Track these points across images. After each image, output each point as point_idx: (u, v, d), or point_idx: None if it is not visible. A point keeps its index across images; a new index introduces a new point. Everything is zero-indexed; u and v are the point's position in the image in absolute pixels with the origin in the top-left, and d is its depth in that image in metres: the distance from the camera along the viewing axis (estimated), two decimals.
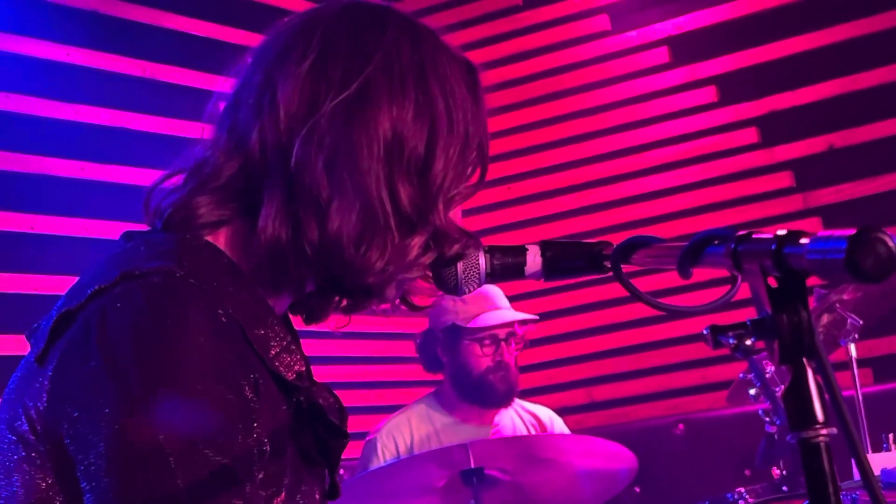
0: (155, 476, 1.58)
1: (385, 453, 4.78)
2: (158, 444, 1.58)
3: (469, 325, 4.78)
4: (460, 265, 1.92)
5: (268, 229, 1.80)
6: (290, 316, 2.06)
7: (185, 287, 1.69)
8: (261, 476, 1.69)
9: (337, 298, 1.94)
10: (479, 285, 1.95)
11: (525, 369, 5.36)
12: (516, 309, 4.96)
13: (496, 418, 4.92)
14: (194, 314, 1.66)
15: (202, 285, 1.71)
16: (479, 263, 1.92)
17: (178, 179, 1.92)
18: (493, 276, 1.95)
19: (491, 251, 1.94)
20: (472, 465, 3.99)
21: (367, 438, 4.92)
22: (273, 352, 1.80)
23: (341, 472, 5.75)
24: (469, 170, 1.92)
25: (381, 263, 1.80)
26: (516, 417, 4.98)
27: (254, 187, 1.84)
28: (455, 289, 1.94)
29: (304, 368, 1.87)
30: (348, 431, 1.92)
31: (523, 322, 4.89)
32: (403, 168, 1.82)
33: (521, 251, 1.94)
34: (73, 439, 1.64)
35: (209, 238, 1.85)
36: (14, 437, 1.70)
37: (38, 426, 1.68)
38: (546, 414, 5.07)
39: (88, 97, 5.65)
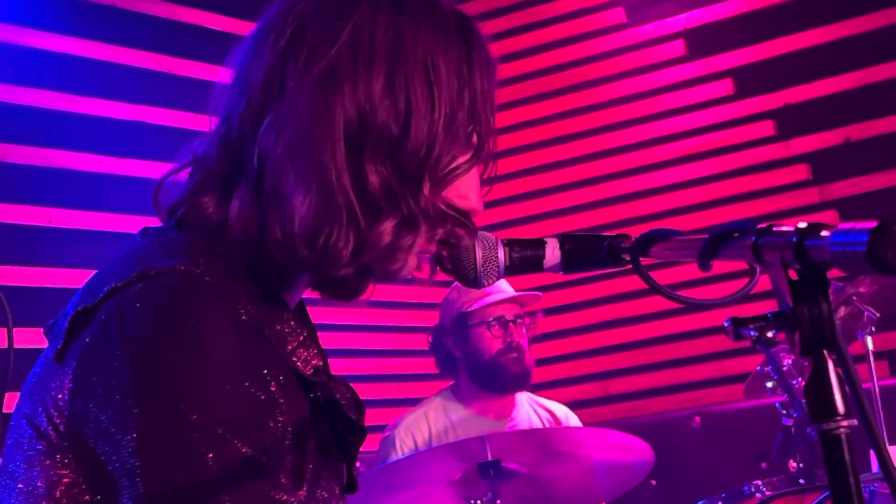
0: (192, 471, 1.58)
1: (403, 448, 4.79)
2: (191, 441, 1.58)
3: (472, 308, 4.80)
4: (479, 258, 1.91)
5: (234, 229, 1.78)
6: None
7: (203, 286, 1.68)
8: (289, 466, 1.69)
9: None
10: (499, 278, 1.94)
11: (541, 362, 5.37)
12: (530, 302, 4.97)
13: (513, 413, 4.93)
14: (214, 313, 1.65)
15: (218, 283, 1.70)
16: (497, 256, 1.92)
17: (185, 173, 1.90)
18: (512, 269, 1.94)
19: (510, 244, 1.93)
20: (490, 458, 4.00)
21: (385, 435, 4.92)
22: (290, 347, 1.80)
23: (358, 465, 5.76)
24: (465, 142, 1.82)
25: (346, 253, 1.74)
26: (532, 413, 4.98)
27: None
28: (474, 281, 1.93)
29: (321, 363, 1.86)
30: (365, 425, 1.91)
31: (532, 313, 4.89)
32: (371, 150, 1.74)
33: (540, 244, 1.93)
34: (102, 439, 1.64)
35: (221, 234, 1.82)
36: (34, 433, 1.71)
37: (61, 426, 1.68)
38: (562, 410, 5.07)
39: (106, 91, 5.67)
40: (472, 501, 3.98)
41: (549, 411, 5.03)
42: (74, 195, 5.46)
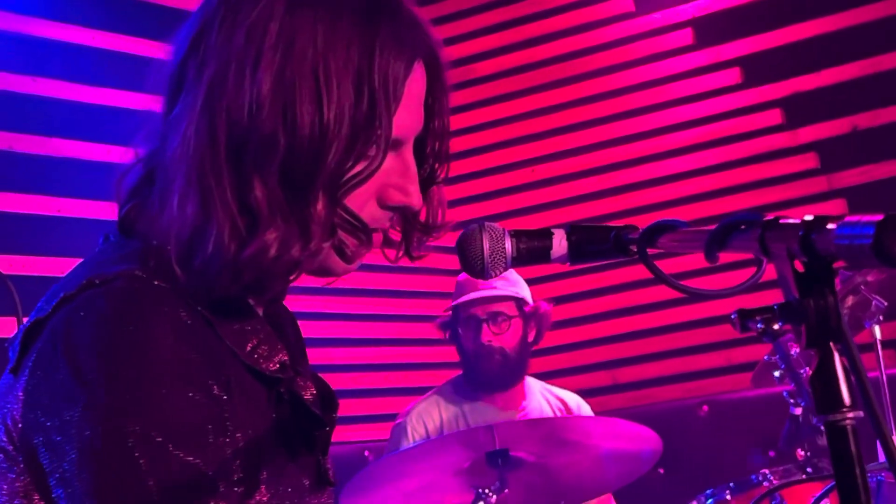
0: (128, 481, 1.58)
1: (414, 436, 4.80)
2: (129, 449, 1.58)
3: (454, 303, 4.81)
4: (487, 249, 1.90)
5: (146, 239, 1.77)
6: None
7: (147, 291, 1.67)
8: (238, 473, 1.68)
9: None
10: (506, 269, 1.93)
11: (548, 351, 5.39)
12: (538, 291, 4.96)
13: (523, 402, 4.93)
14: (156, 319, 1.64)
15: (165, 287, 1.69)
16: (505, 248, 1.91)
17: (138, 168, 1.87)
18: (520, 260, 1.93)
19: (517, 235, 1.92)
20: (498, 447, 4.00)
21: (397, 422, 4.93)
22: (250, 345, 1.77)
23: (366, 453, 5.77)
24: (367, 143, 1.70)
25: (226, 276, 1.67)
26: (544, 402, 4.99)
27: None
28: (482, 272, 1.92)
29: (287, 358, 1.83)
30: (335, 418, 1.88)
31: (515, 299, 4.86)
32: (256, 159, 1.66)
33: (547, 235, 1.92)
34: (47, 449, 1.64)
35: None
36: None
37: (16, 437, 1.69)
38: (574, 400, 5.07)
39: (115, 81, 5.67)
40: (481, 490, 3.99)
41: (561, 400, 5.04)
42: (83, 184, 5.46)
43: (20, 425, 1.68)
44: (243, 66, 1.68)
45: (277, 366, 1.81)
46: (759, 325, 1.32)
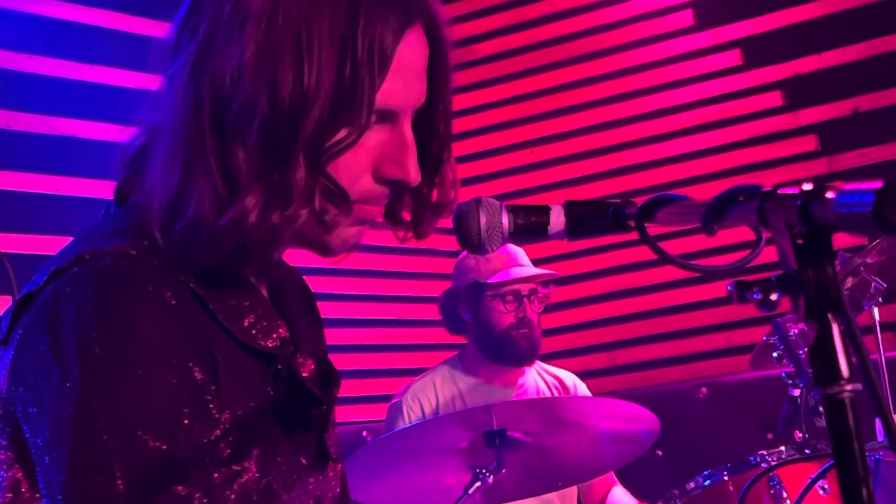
0: (93, 461, 1.59)
1: (410, 415, 4.79)
2: (96, 430, 1.59)
3: (490, 280, 4.79)
4: (483, 224, 1.89)
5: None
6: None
7: (136, 268, 1.67)
8: (224, 454, 1.69)
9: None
10: (503, 244, 1.92)
11: (548, 333, 5.37)
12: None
13: (520, 380, 4.93)
14: (139, 300, 1.64)
15: (154, 264, 1.69)
16: (502, 222, 1.90)
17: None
18: (517, 235, 1.92)
19: (514, 210, 1.91)
20: (495, 427, 4.00)
21: (393, 401, 4.93)
22: (247, 321, 1.77)
23: (364, 433, 5.77)
24: (350, 109, 1.67)
25: (206, 242, 1.66)
26: (540, 381, 4.99)
27: None
28: (478, 247, 1.90)
29: (286, 333, 1.83)
30: (335, 396, 1.88)
31: (545, 283, 4.90)
32: (238, 125, 1.65)
33: (545, 210, 1.91)
34: (26, 421, 1.66)
35: None
36: None
37: (1, 408, 1.70)
38: (570, 378, 5.07)
39: (115, 59, 5.66)
40: (478, 470, 3.97)
41: (558, 378, 5.04)
42: (82, 163, 5.45)
43: (4, 397, 1.69)
44: (229, 32, 1.68)
45: (277, 342, 1.81)
46: (756, 296, 1.30)
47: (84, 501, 1.59)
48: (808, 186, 1.28)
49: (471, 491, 3.95)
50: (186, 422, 1.64)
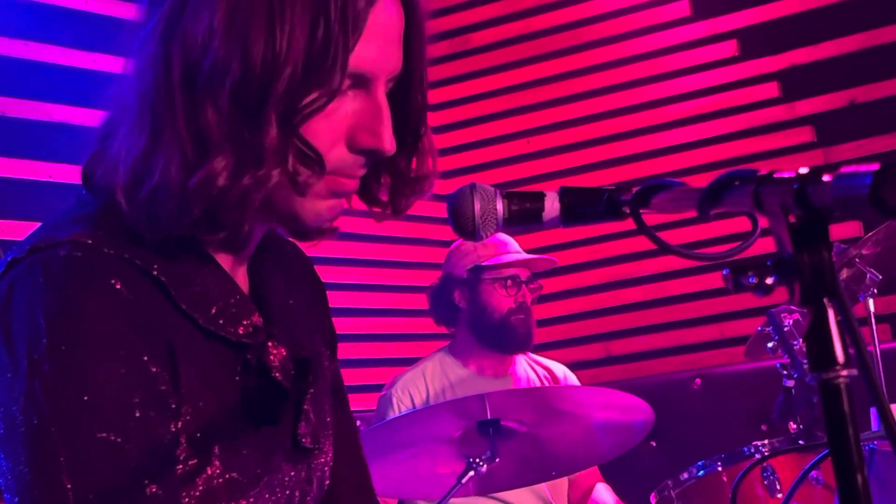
0: (39, 457, 1.59)
1: (400, 407, 4.79)
2: (43, 424, 1.58)
3: (490, 262, 4.80)
4: (478, 210, 1.88)
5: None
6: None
7: (89, 258, 1.65)
8: (185, 450, 1.67)
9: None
10: (497, 230, 1.91)
11: (542, 323, 5.38)
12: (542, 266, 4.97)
13: (511, 371, 4.93)
14: (90, 291, 1.62)
15: (116, 250, 1.66)
16: (496, 208, 1.89)
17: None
18: (511, 221, 1.91)
19: (509, 197, 1.89)
20: (489, 416, 3.99)
21: (382, 393, 4.92)
22: (214, 309, 1.74)
23: (357, 423, 5.76)
24: (320, 71, 1.63)
25: (173, 204, 1.63)
26: (531, 371, 4.99)
27: None
28: (472, 233, 1.89)
29: (259, 321, 1.80)
30: (307, 386, 1.85)
31: (537, 275, 4.90)
32: (209, 87, 1.61)
33: (539, 197, 1.90)
34: None
35: None
36: None
37: None
38: (560, 370, 5.07)
39: (109, 46, 5.64)
40: (471, 460, 3.97)
41: (548, 369, 5.04)
42: (75, 150, 5.40)
43: None
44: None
45: (249, 329, 1.78)
46: (751, 280, 1.29)
47: (34, 498, 1.58)
48: (804, 170, 1.27)
49: (464, 480, 3.95)
50: (138, 413, 1.62)
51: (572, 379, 5.05)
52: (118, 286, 1.64)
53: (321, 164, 1.67)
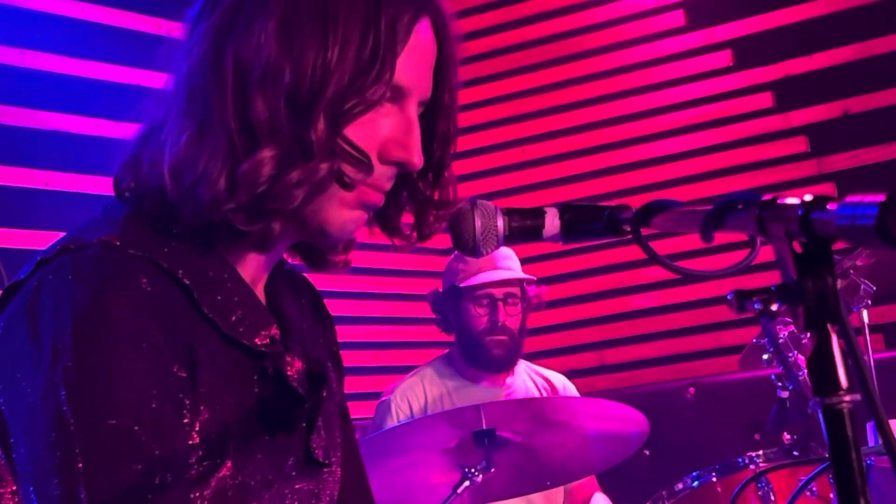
0: (58, 443, 1.61)
1: (399, 414, 4.79)
2: (61, 412, 1.61)
3: (463, 285, 4.79)
4: (478, 227, 1.89)
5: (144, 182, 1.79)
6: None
7: (119, 258, 1.69)
8: (200, 450, 1.70)
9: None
10: (497, 247, 1.92)
11: (536, 332, 5.38)
12: (527, 271, 4.95)
13: (508, 381, 4.93)
14: (118, 288, 1.66)
15: (144, 254, 1.71)
16: (497, 225, 1.90)
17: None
18: (512, 238, 1.92)
19: (509, 213, 1.91)
20: (485, 427, 4.00)
21: (381, 400, 4.92)
22: (234, 317, 1.78)
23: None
24: (367, 79, 1.72)
25: (220, 188, 1.69)
26: (529, 381, 4.99)
27: None
28: (473, 250, 1.90)
29: (276, 333, 1.84)
30: (322, 398, 1.89)
31: (522, 282, 4.87)
32: (262, 85, 1.69)
33: (540, 213, 1.91)
34: (6, 405, 1.69)
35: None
36: None
37: None
38: (560, 380, 5.07)
39: (105, 54, 5.65)
40: (467, 469, 3.98)
41: (547, 380, 5.03)
42: (71, 158, 5.44)
43: None
44: (253, 4, 1.73)
45: (266, 340, 1.81)
46: (756, 306, 1.30)
47: (50, 485, 1.60)
48: (808, 197, 1.28)
49: (459, 490, 3.96)
50: (155, 405, 1.65)
51: (571, 389, 5.05)
52: (145, 284, 1.68)
53: (369, 163, 1.75)
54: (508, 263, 4.89)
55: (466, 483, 3.96)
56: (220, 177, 1.69)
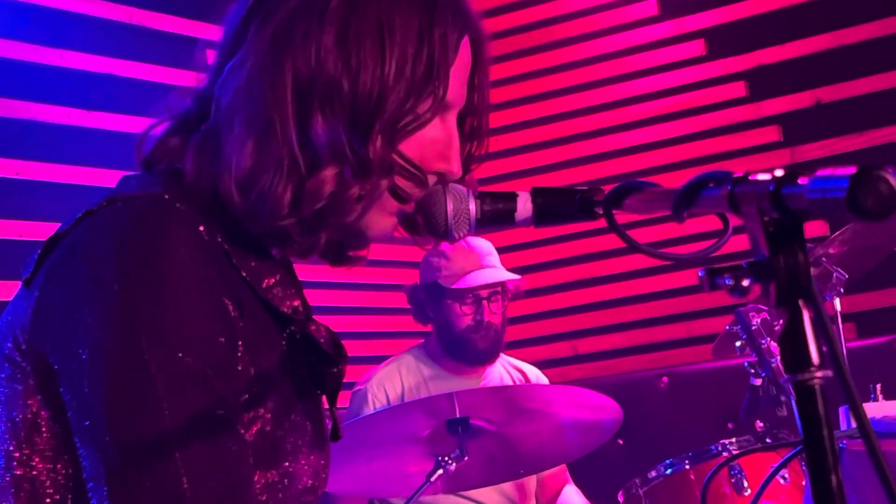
0: (136, 382, 1.63)
1: (375, 403, 4.78)
2: (139, 349, 1.63)
3: (452, 287, 4.77)
4: (450, 210, 1.88)
5: (188, 175, 1.82)
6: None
7: (171, 207, 1.72)
8: (244, 396, 1.73)
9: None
10: (470, 231, 1.92)
11: (510, 321, 5.37)
12: (503, 261, 4.94)
13: (485, 372, 4.92)
14: (177, 229, 1.70)
15: (191, 208, 1.74)
16: (469, 209, 1.89)
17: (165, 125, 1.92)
18: (484, 222, 1.92)
19: (481, 197, 1.91)
20: (458, 415, 4.00)
21: (356, 389, 4.91)
22: (266, 283, 1.83)
23: (326, 421, 5.75)
24: (428, 98, 1.80)
25: (285, 202, 1.74)
26: (504, 373, 4.98)
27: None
28: (445, 234, 1.91)
29: (300, 304, 1.89)
30: (345, 365, 1.93)
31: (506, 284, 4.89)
32: (320, 101, 1.75)
33: (512, 197, 1.91)
34: (57, 349, 1.69)
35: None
36: (2, 358, 1.76)
37: (23, 344, 1.73)
38: (534, 372, 5.07)
39: (75, 43, 5.62)
40: (440, 458, 3.98)
41: (521, 371, 5.04)
42: (42, 147, 5.42)
43: (29, 332, 1.73)
44: (309, 17, 1.77)
45: (290, 310, 1.86)
46: (727, 282, 1.30)
47: (129, 420, 1.63)
48: (780, 172, 1.28)
49: (433, 479, 3.96)
50: (221, 350, 1.69)
51: (544, 382, 5.05)
52: (202, 229, 1.72)
53: (424, 178, 1.83)
54: (492, 260, 4.88)
55: (440, 471, 3.96)
56: (285, 192, 1.74)
